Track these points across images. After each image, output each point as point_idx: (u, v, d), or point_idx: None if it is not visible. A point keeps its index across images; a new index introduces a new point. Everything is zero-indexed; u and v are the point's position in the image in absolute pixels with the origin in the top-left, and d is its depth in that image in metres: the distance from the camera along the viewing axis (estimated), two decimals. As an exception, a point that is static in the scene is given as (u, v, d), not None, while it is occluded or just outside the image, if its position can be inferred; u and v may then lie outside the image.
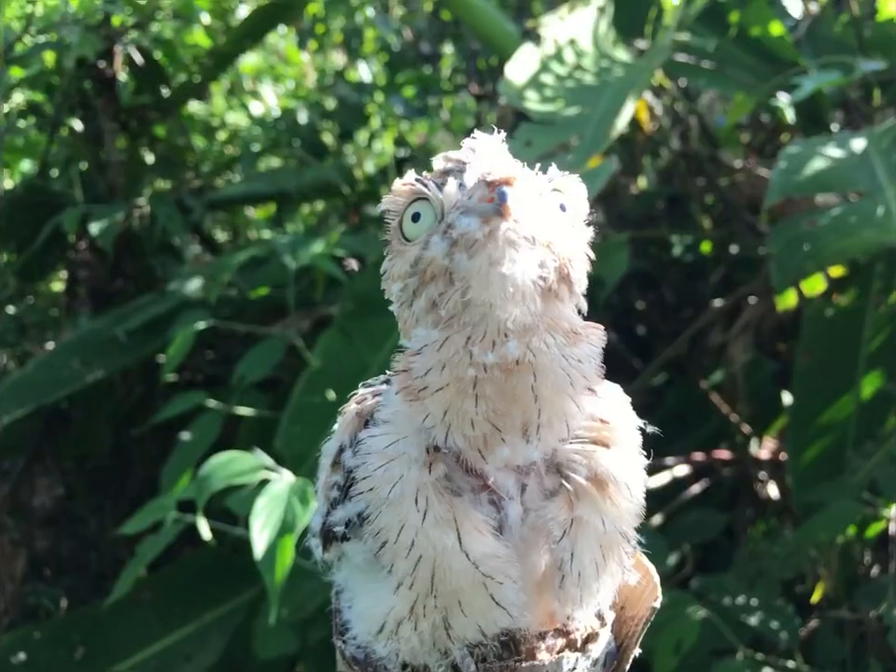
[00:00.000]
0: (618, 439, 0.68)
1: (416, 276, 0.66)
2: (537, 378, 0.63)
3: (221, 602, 1.95)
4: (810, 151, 1.73)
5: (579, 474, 0.65)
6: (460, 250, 0.62)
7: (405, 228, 0.67)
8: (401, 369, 0.66)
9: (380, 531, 0.65)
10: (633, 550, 0.69)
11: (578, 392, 0.65)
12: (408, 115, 3.32)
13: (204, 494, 1.34)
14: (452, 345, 0.63)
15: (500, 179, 0.60)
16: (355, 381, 2.14)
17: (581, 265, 0.67)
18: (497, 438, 0.64)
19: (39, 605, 2.35)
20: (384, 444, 0.66)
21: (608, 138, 1.56)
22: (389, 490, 0.64)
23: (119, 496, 2.67)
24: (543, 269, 0.62)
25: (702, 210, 2.66)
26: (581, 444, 0.66)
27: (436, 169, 0.68)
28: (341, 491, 0.70)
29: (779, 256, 1.63)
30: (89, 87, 2.67)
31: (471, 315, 0.63)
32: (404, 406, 0.66)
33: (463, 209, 0.63)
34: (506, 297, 0.61)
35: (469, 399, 0.63)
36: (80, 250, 2.61)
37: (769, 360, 2.59)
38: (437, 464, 0.64)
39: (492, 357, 0.62)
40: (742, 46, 2.40)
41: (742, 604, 1.87)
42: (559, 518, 0.65)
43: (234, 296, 2.49)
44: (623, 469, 0.67)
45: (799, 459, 2.06)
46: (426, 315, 0.65)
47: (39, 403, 2.16)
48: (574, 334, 0.65)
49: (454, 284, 0.63)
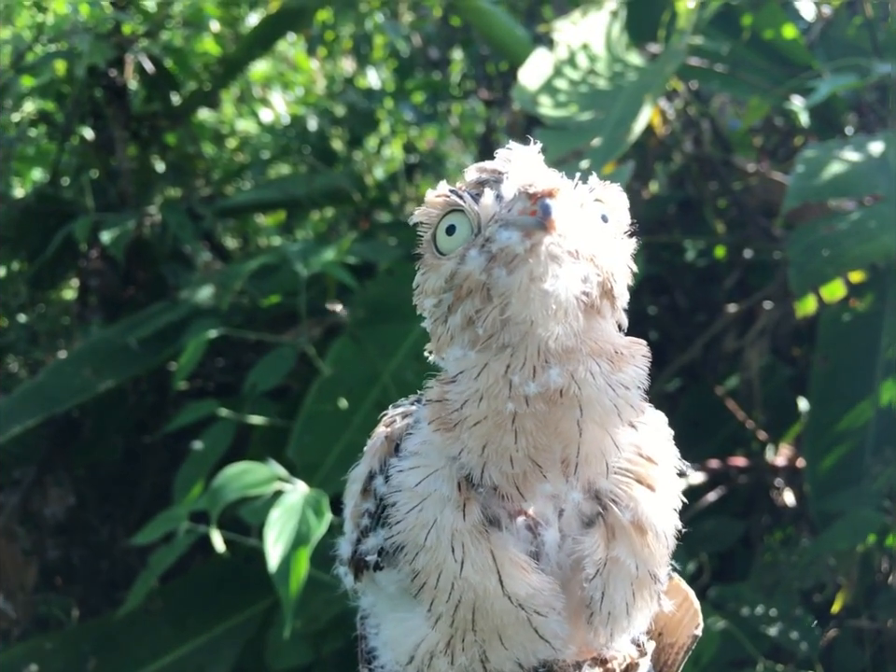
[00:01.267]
0: (662, 481, 0.66)
1: (452, 292, 0.63)
2: (583, 412, 0.61)
3: (234, 613, 1.94)
4: (827, 155, 1.71)
5: (621, 513, 0.63)
6: (499, 265, 0.59)
7: (439, 241, 0.64)
8: (435, 398, 0.63)
9: (417, 574, 0.63)
10: (665, 585, 0.68)
11: (624, 423, 0.63)
12: (417, 121, 3.31)
13: (218, 506, 1.32)
14: (490, 374, 0.60)
15: (543, 191, 0.58)
16: (367, 389, 2.12)
17: (624, 278, 0.65)
18: (538, 474, 0.62)
19: (51, 614, 2.35)
20: (414, 481, 0.64)
21: (624, 143, 1.54)
22: (425, 536, 0.62)
23: (130, 504, 2.66)
24: (586, 284, 0.60)
25: (715, 214, 2.63)
26: (624, 478, 0.64)
27: (469, 180, 0.66)
28: (372, 518, 0.68)
29: (798, 261, 1.61)
30: (99, 95, 2.67)
31: (511, 333, 0.60)
32: (435, 436, 0.63)
33: (502, 222, 0.60)
34: (548, 314, 0.58)
35: (509, 433, 0.60)
36: (91, 259, 2.61)
37: (785, 365, 2.56)
38: (471, 504, 0.62)
39: (533, 386, 0.59)
40: (755, 49, 2.38)
41: (761, 614, 1.84)
42: (594, 556, 0.63)
43: (245, 304, 2.48)
44: (663, 516, 0.65)
45: (817, 466, 2.03)
46: (461, 333, 0.63)
47: (50, 413, 2.16)
48: (618, 356, 0.62)
49: (492, 300, 0.60)
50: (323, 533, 1.22)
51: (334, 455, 1.91)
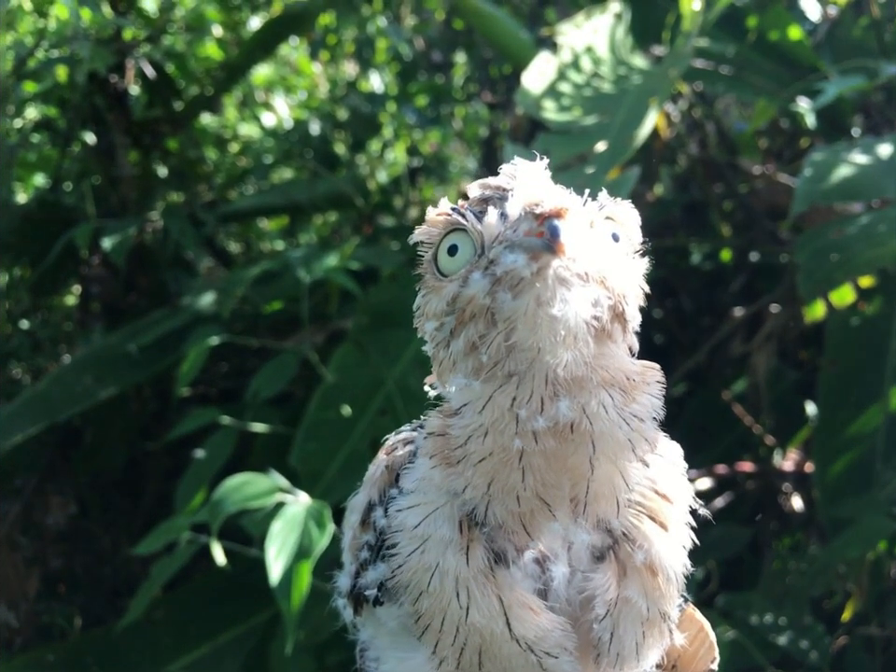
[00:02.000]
0: (675, 519, 0.63)
1: (454, 315, 0.60)
2: (595, 448, 0.57)
3: (236, 623, 1.92)
4: (835, 158, 1.69)
5: (633, 551, 0.61)
6: (504, 289, 0.56)
7: (441, 262, 0.61)
8: (437, 432, 0.60)
9: (420, 616, 0.61)
10: (675, 620, 0.65)
11: (638, 458, 0.60)
12: (420, 124, 3.30)
13: (218, 519, 1.30)
14: (496, 407, 0.57)
15: (551, 211, 0.55)
16: (370, 396, 2.10)
17: (636, 300, 0.62)
18: (546, 513, 0.59)
19: (53, 623, 2.33)
20: (413, 522, 0.61)
21: (630, 148, 1.52)
22: (428, 582, 0.59)
23: (133, 512, 2.64)
24: (597, 308, 0.57)
25: (721, 217, 2.61)
26: (637, 515, 0.61)
27: (472, 197, 0.62)
28: (371, 551, 0.65)
29: (806, 266, 1.58)
30: (100, 101, 2.65)
31: (517, 360, 0.57)
32: (434, 472, 0.60)
33: (507, 244, 0.57)
34: (556, 340, 0.55)
35: (516, 471, 0.57)
36: (93, 265, 2.60)
37: (791, 369, 2.54)
38: (475, 546, 0.59)
39: (542, 421, 0.56)
40: (760, 51, 2.36)
41: (770, 623, 1.82)
42: (605, 596, 0.60)
43: (248, 310, 2.46)
44: (676, 556, 0.62)
45: (826, 472, 2.01)
46: (464, 359, 0.60)
47: (52, 421, 2.14)
48: (631, 384, 0.59)
49: (496, 325, 0.57)
50: (326, 546, 1.20)
51: (337, 463, 1.89)
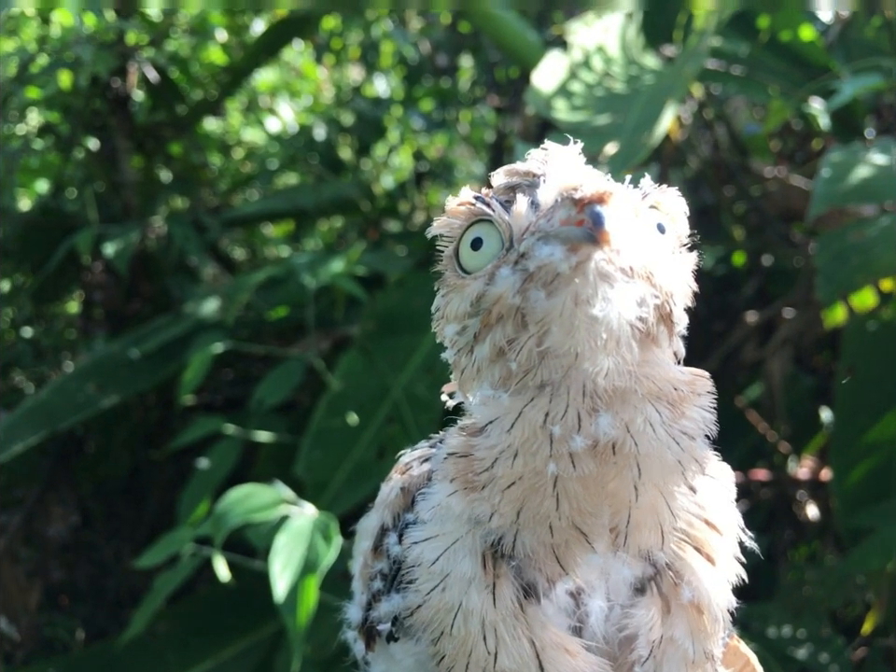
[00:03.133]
0: (724, 553, 0.57)
1: (478, 317, 0.53)
2: (641, 471, 0.51)
3: (241, 636, 1.88)
4: (853, 159, 1.64)
5: (678, 586, 0.55)
6: (537, 286, 0.49)
7: (463, 257, 0.55)
8: (460, 452, 0.53)
9: (443, 659, 0.54)
10: (719, 659, 0.59)
11: (688, 482, 0.53)
12: (426, 128, 3.26)
13: (222, 532, 1.26)
14: (526, 425, 0.50)
15: (593, 196, 0.48)
16: (377, 403, 2.05)
17: (683, 300, 0.56)
18: (583, 544, 0.52)
19: (55, 636, 2.29)
20: (431, 556, 0.54)
21: (644, 148, 1.48)
22: (451, 623, 0.53)
23: (136, 522, 2.60)
24: (642, 308, 0.51)
25: (733, 220, 2.57)
26: (681, 544, 0.55)
27: (497, 185, 0.56)
28: (385, 581, 0.59)
29: (826, 269, 1.54)
30: (103, 106, 2.63)
31: (550, 368, 0.50)
32: (452, 499, 0.53)
33: (541, 234, 0.50)
34: (596, 345, 0.49)
35: (550, 498, 0.50)
36: (96, 272, 2.57)
37: (806, 375, 2.49)
38: (501, 583, 0.52)
39: (579, 440, 0.50)
40: (772, 51, 2.32)
41: (788, 636, 1.77)
42: (649, 636, 0.54)
43: (252, 316, 2.43)
44: (723, 594, 0.56)
45: (844, 481, 1.96)
46: (490, 367, 0.53)
47: (54, 429, 2.11)
48: (679, 395, 0.53)
49: (527, 328, 0.50)
50: (333, 560, 1.16)
51: (344, 473, 1.85)
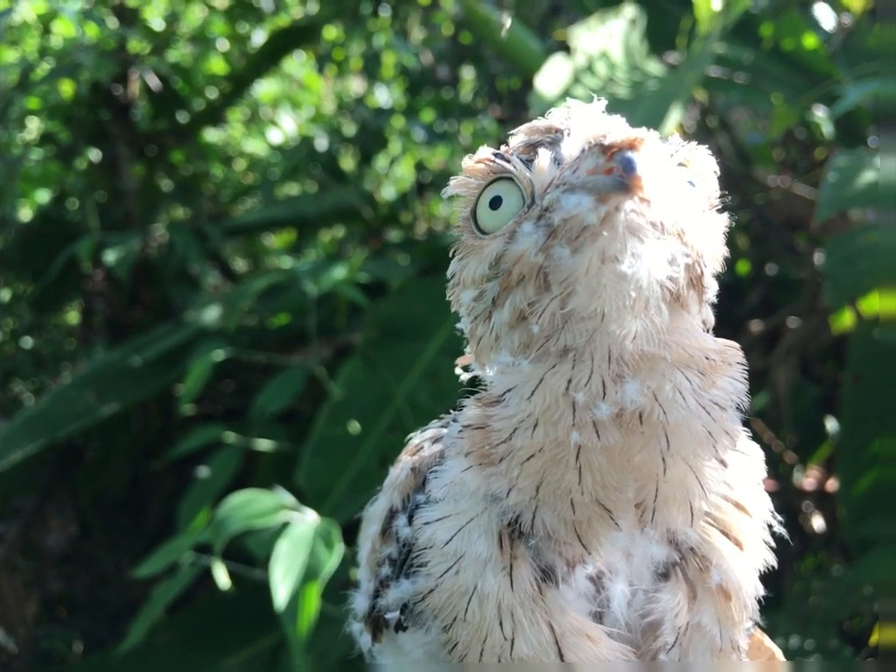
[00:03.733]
0: (752, 536, 0.54)
1: (498, 280, 0.49)
2: (669, 442, 0.47)
3: (241, 647, 1.85)
4: (859, 163, 1.63)
5: (706, 571, 0.52)
6: (561, 242, 0.46)
7: (481, 217, 0.51)
8: (476, 424, 0.50)
9: (455, 645, 0.51)
10: (744, 651, 0.57)
11: (718, 455, 0.50)
12: (428, 139, 3.26)
13: (222, 539, 1.24)
14: (548, 392, 0.47)
15: (623, 142, 0.44)
16: (379, 411, 2.03)
17: (714, 264, 0.52)
18: (607, 521, 0.49)
19: (53, 648, 2.27)
20: (444, 537, 0.51)
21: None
22: (465, 608, 0.50)
23: (136, 532, 2.58)
24: (673, 267, 0.47)
25: (737, 229, 2.56)
26: (707, 527, 0.53)
27: (516, 144, 0.53)
28: (394, 566, 0.56)
29: (834, 273, 1.52)
30: (105, 114, 2.63)
31: (574, 332, 0.47)
32: (468, 474, 0.50)
33: (567, 185, 0.46)
34: (624, 305, 0.45)
35: (571, 470, 0.47)
36: (96, 280, 2.56)
37: (811, 384, 2.47)
38: (519, 565, 0.49)
39: (605, 408, 0.46)
40: (775, 59, 2.32)
41: (796, 647, 1.75)
42: (676, 621, 0.51)
43: (253, 325, 2.42)
44: (750, 579, 0.54)
45: (851, 491, 1.94)
46: (510, 333, 0.49)
47: (53, 438, 2.08)
48: (710, 365, 0.50)
49: (550, 289, 0.47)
50: (335, 567, 1.14)
51: (345, 481, 1.83)
